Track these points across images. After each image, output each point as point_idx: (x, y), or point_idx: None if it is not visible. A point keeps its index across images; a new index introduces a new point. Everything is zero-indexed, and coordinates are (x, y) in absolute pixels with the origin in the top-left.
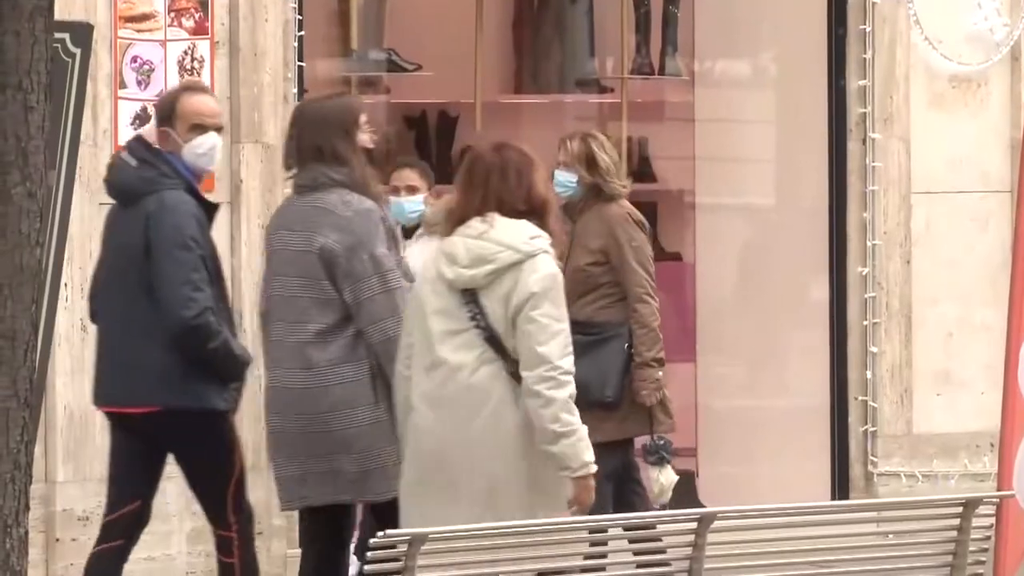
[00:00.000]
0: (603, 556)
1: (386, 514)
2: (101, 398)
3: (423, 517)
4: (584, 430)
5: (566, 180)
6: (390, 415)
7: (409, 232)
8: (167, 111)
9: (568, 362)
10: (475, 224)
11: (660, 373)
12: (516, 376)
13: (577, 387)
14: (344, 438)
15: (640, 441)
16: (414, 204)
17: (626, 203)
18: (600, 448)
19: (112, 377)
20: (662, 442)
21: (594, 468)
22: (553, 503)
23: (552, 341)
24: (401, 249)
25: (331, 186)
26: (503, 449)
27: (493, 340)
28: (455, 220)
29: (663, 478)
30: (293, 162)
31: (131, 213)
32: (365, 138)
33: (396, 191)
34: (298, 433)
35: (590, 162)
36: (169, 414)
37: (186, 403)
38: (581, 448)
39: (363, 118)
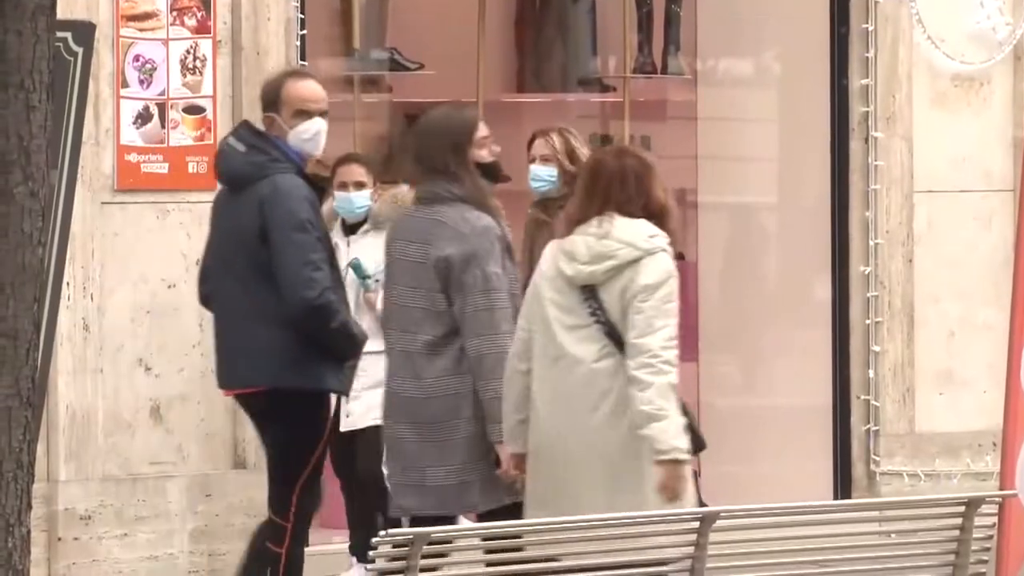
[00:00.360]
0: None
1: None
2: (222, 381)
3: (546, 509)
4: (679, 419)
5: (546, 174)
6: (483, 430)
7: (354, 227)
8: (272, 97)
9: (670, 353)
10: (596, 224)
11: None
12: None
13: None
14: (442, 450)
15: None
16: (362, 199)
17: None
18: None
19: (228, 360)
20: None
21: (684, 456)
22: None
23: (657, 332)
24: (513, 259)
25: (451, 200)
26: (623, 442)
27: (613, 335)
28: (573, 223)
29: None
30: (417, 174)
31: (241, 198)
32: (482, 153)
33: (343, 186)
34: (405, 441)
35: (571, 156)
36: (280, 393)
37: (301, 383)
38: (672, 433)
39: (479, 133)
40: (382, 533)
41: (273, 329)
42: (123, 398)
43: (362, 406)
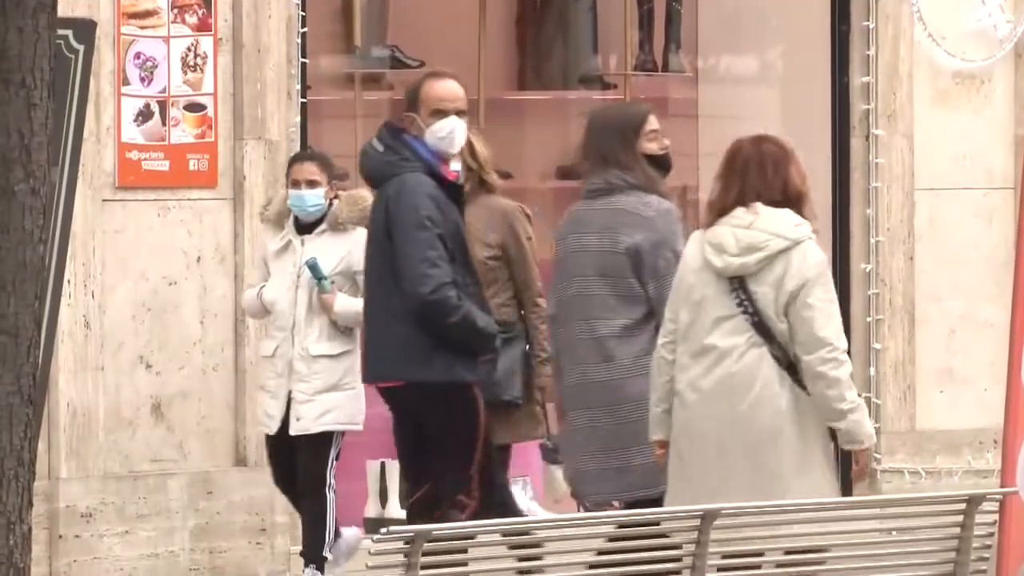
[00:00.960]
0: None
1: None
2: (366, 375)
3: (690, 497)
4: (863, 406)
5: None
6: None
7: (308, 227)
8: (412, 97)
9: (844, 342)
10: (741, 214)
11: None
12: (781, 360)
13: (486, 385)
14: (640, 431)
15: (537, 443)
16: (315, 198)
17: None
18: (500, 450)
19: (368, 354)
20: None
21: (874, 441)
22: (816, 485)
23: (829, 324)
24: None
25: (627, 189)
26: (769, 431)
27: (760, 325)
28: (716, 211)
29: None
30: (587, 167)
31: (379, 196)
32: (652, 146)
33: (296, 184)
34: (602, 427)
35: (472, 151)
36: (417, 388)
37: (432, 376)
38: (865, 422)
39: (648, 125)
40: (383, 530)
41: (405, 324)
42: (124, 395)
43: (314, 410)
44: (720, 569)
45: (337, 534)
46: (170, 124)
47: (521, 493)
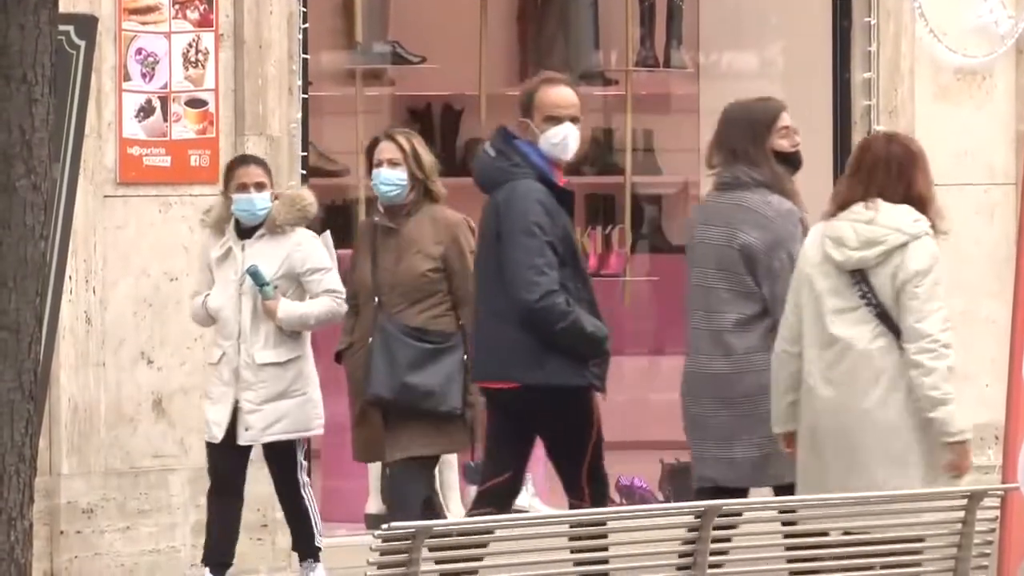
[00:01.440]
0: (605, 550)
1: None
2: (475, 373)
3: (821, 488)
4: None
5: (396, 179)
6: None
7: (248, 232)
8: (526, 103)
9: (948, 336)
10: (860, 210)
11: None
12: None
13: (422, 396)
14: (750, 424)
15: (462, 461)
16: (264, 201)
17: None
18: (426, 462)
19: (480, 355)
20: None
21: (970, 435)
22: (940, 475)
23: (932, 316)
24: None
25: (753, 186)
26: (897, 420)
27: (883, 316)
28: (838, 204)
29: None
30: (718, 160)
31: (490, 202)
32: (783, 143)
33: (244, 188)
34: (709, 417)
35: (416, 159)
36: (529, 390)
37: (542, 380)
38: (957, 415)
39: (780, 122)
40: (384, 526)
41: (516, 327)
42: (125, 391)
43: (263, 420)
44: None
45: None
46: (171, 120)
47: (524, 489)
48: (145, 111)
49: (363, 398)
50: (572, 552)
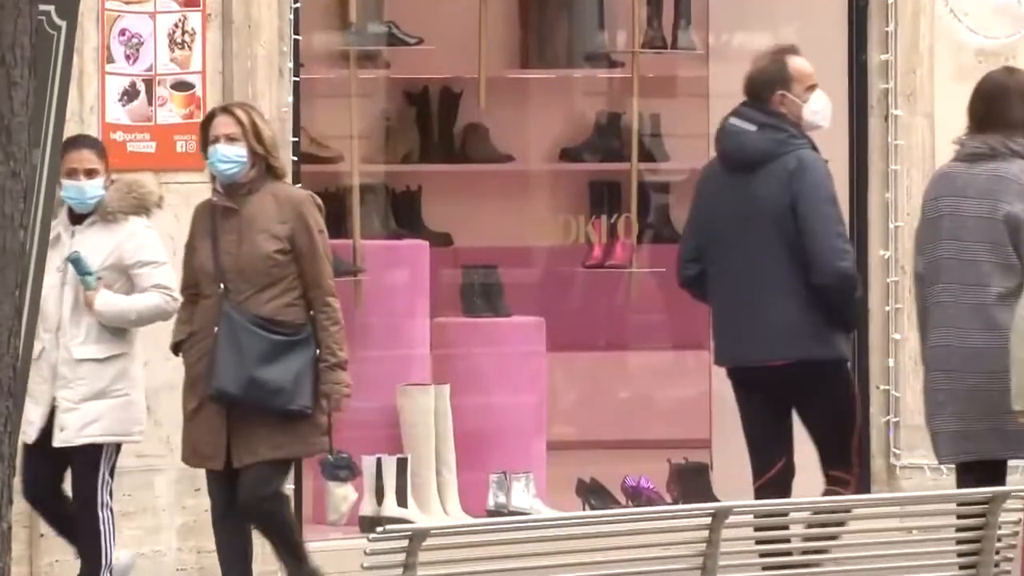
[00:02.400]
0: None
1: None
2: (728, 357)
3: None
4: None
5: (235, 155)
6: None
7: (81, 217)
8: (780, 75)
9: None
10: None
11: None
12: None
13: (271, 392)
14: (998, 399)
15: (317, 456)
16: (95, 189)
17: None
18: (279, 464)
19: (740, 335)
20: (344, 455)
21: None
22: None
23: None
24: None
25: (1010, 156)
26: None
27: None
28: None
29: (351, 495)
30: (974, 130)
31: (756, 176)
32: None
33: (73, 173)
34: (968, 391)
35: (256, 133)
36: (801, 366)
37: (822, 354)
38: None
39: None
40: (379, 529)
41: (799, 301)
42: None
43: (78, 420)
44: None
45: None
46: (156, 104)
47: (524, 490)
48: (129, 95)
49: (205, 393)
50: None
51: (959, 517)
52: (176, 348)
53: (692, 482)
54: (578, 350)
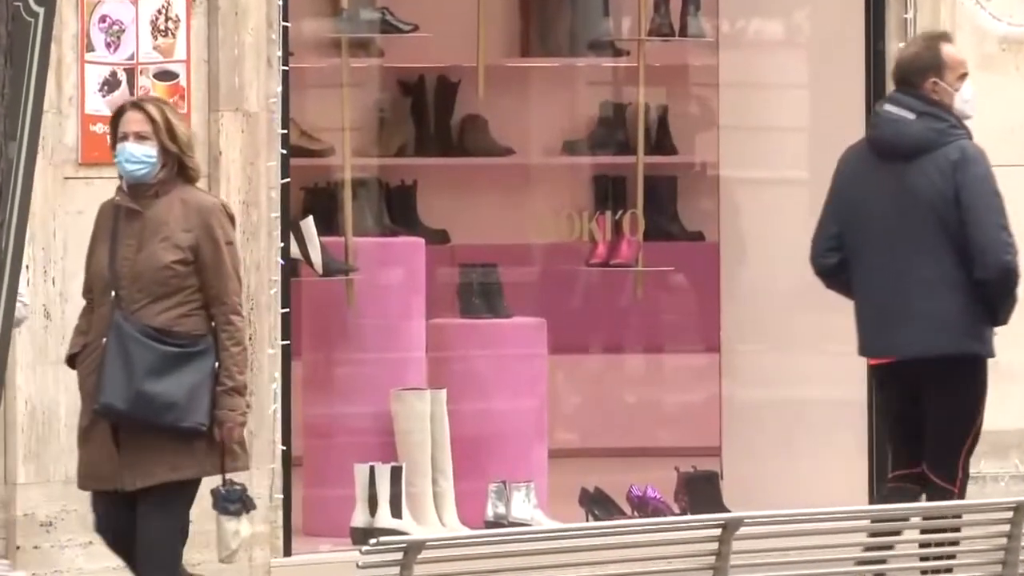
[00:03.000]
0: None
1: None
2: (878, 349)
3: None
4: None
5: (143, 154)
6: None
7: None
8: (935, 61)
9: None
10: None
11: (248, 402)
12: None
13: (161, 408)
14: None
15: (208, 485)
16: None
17: (203, 189)
18: (180, 488)
19: (893, 327)
20: (238, 486)
21: None
22: None
23: None
24: None
25: None
26: None
27: None
28: None
29: (243, 530)
30: None
31: (912, 166)
32: None
33: None
34: None
35: (170, 131)
36: (949, 360)
37: (974, 349)
38: None
39: None
40: (372, 541)
41: (958, 294)
42: None
43: None
44: None
45: None
46: (139, 94)
47: (524, 500)
48: (110, 84)
49: (92, 409)
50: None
51: (982, 527)
52: (71, 361)
53: (701, 491)
54: (581, 352)
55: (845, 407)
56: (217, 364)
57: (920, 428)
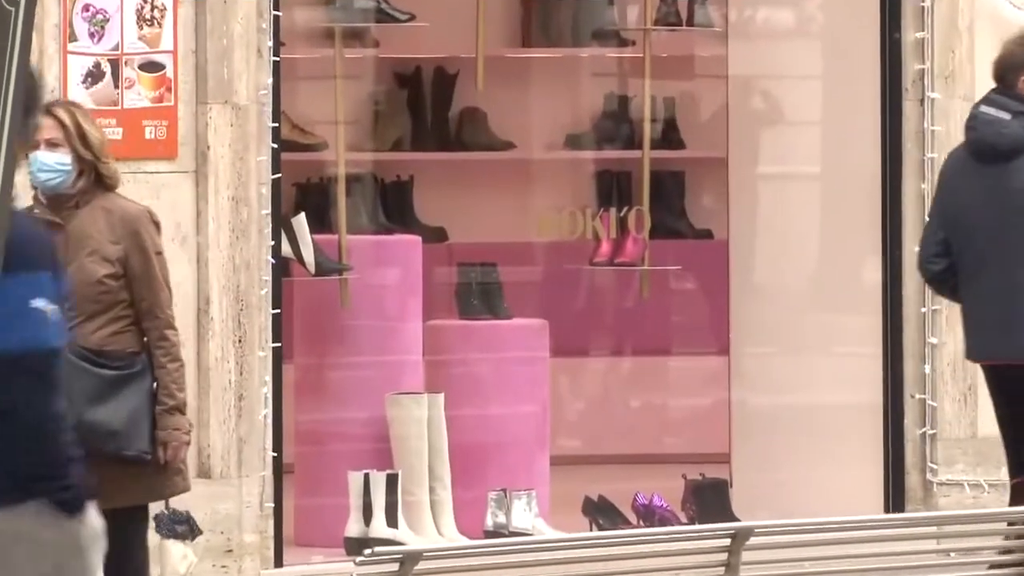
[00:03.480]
0: None
1: None
2: (987, 352)
3: None
4: None
5: (56, 162)
6: None
7: None
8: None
9: None
10: None
11: (189, 420)
12: None
13: (105, 437)
14: None
15: (152, 509)
16: None
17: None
18: (127, 513)
19: (1002, 329)
20: (183, 512)
21: None
22: None
23: None
24: None
25: None
26: None
27: None
28: None
29: (191, 555)
30: None
31: (1010, 167)
32: None
33: None
34: None
35: (83, 138)
36: None
37: None
38: None
39: None
40: (367, 552)
41: None
42: None
43: None
44: None
45: None
46: (123, 86)
47: (525, 509)
48: (93, 76)
49: None
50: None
51: (1005, 538)
52: None
53: (710, 500)
54: (584, 355)
55: (860, 412)
56: (155, 383)
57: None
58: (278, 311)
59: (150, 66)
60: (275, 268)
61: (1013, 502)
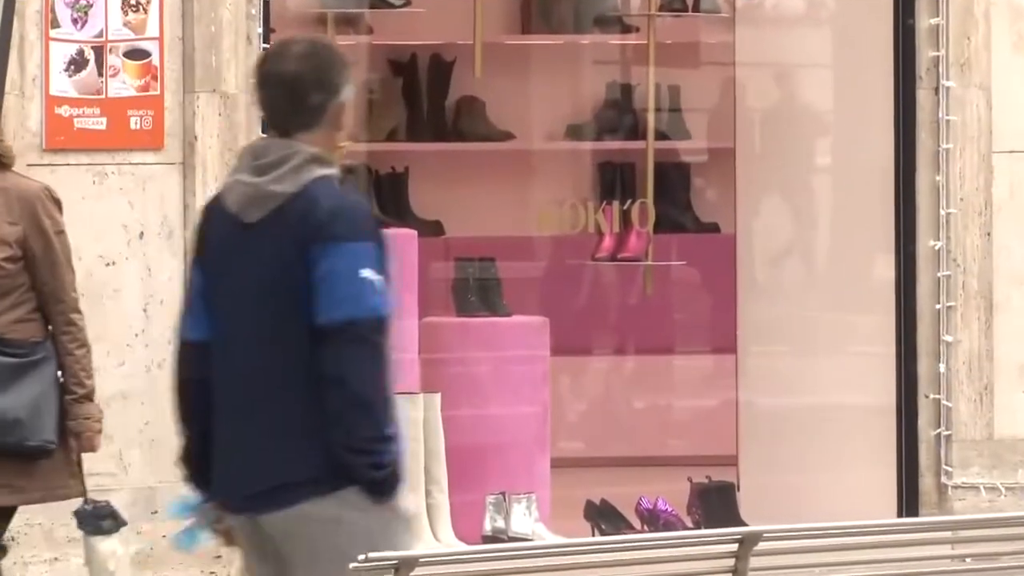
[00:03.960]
0: None
1: None
2: None
3: None
4: None
5: None
6: None
7: None
8: None
9: None
10: None
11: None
12: None
13: (6, 427)
14: None
15: (70, 505)
16: None
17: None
18: (5, 513)
19: None
20: (103, 502)
21: None
22: None
23: None
24: None
25: None
26: None
27: None
28: None
29: (119, 549)
30: None
31: None
32: None
33: None
34: None
35: None
36: None
37: None
38: None
39: None
40: (361, 557)
41: None
42: None
43: None
44: None
45: None
46: (108, 74)
47: (525, 513)
48: (77, 64)
49: None
50: None
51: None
52: None
53: (716, 504)
54: (586, 354)
55: (872, 412)
56: (60, 371)
57: None
58: None
59: (135, 53)
60: None
61: None
